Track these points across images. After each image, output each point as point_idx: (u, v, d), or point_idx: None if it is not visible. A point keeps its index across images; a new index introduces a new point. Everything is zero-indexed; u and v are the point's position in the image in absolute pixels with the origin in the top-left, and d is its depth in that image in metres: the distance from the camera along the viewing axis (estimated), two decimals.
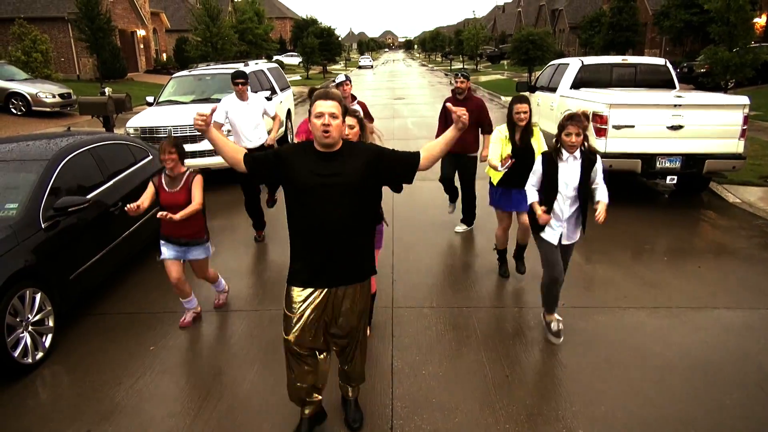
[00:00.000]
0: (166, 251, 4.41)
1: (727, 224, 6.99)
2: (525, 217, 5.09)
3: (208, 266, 4.64)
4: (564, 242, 4.08)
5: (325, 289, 2.92)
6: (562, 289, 4.24)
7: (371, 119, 6.21)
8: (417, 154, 2.92)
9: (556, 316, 4.30)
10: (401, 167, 2.92)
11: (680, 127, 7.05)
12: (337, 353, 3.21)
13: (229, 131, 6.54)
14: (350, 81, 6.06)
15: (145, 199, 4.30)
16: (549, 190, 3.97)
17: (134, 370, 4.04)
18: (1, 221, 4.17)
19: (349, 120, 3.80)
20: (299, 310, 2.92)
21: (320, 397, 3.20)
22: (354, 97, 6.08)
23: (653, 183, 8.76)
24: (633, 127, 7.09)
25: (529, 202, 4.09)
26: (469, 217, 6.70)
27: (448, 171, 6.47)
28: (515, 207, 5.12)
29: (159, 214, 4.09)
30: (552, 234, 4.06)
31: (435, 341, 4.32)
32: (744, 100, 7.09)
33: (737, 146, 7.13)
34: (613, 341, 4.25)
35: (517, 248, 5.45)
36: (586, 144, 3.90)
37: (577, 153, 3.89)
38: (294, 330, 2.94)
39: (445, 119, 6.28)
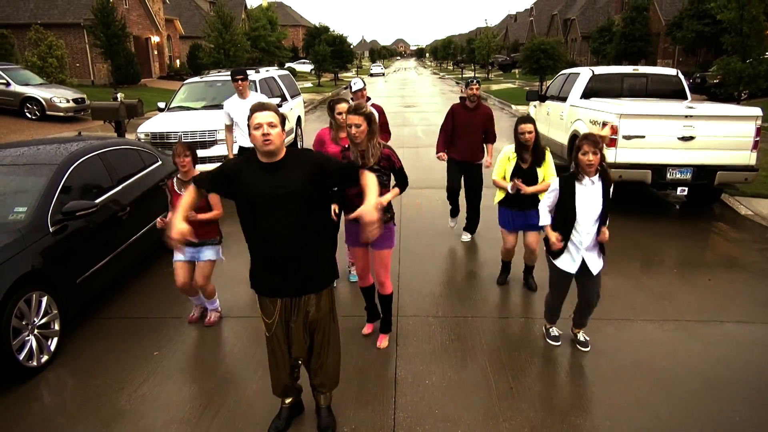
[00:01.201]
0: (178, 253, 4.39)
1: (738, 237, 6.90)
2: (531, 239, 5.06)
3: (211, 272, 4.61)
4: (592, 271, 3.93)
5: (280, 300, 3.05)
6: (568, 299, 4.20)
7: (386, 125, 6.20)
8: (357, 167, 3.04)
9: (556, 327, 4.37)
10: (342, 178, 3.00)
11: (691, 138, 6.99)
12: (304, 362, 3.26)
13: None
14: (365, 87, 6.06)
15: (172, 209, 4.43)
16: (567, 216, 3.83)
17: (138, 374, 4.04)
18: (9, 225, 4.20)
19: (356, 119, 3.79)
20: (272, 317, 3.09)
21: (301, 389, 3.42)
22: (368, 99, 6.08)
23: (664, 194, 8.67)
24: (643, 137, 7.03)
25: (542, 224, 4.00)
26: (472, 225, 6.66)
27: (455, 179, 6.45)
28: (517, 227, 5.07)
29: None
30: (569, 264, 3.94)
31: (439, 351, 4.28)
32: (757, 111, 7.01)
33: (749, 158, 7.04)
34: (620, 354, 4.19)
35: (525, 269, 5.42)
36: (603, 164, 3.76)
37: (596, 177, 3.75)
38: (272, 330, 3.12)
39: (452, 127, 6.23)
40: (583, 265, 3.93)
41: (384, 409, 3.59)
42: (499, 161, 4.92)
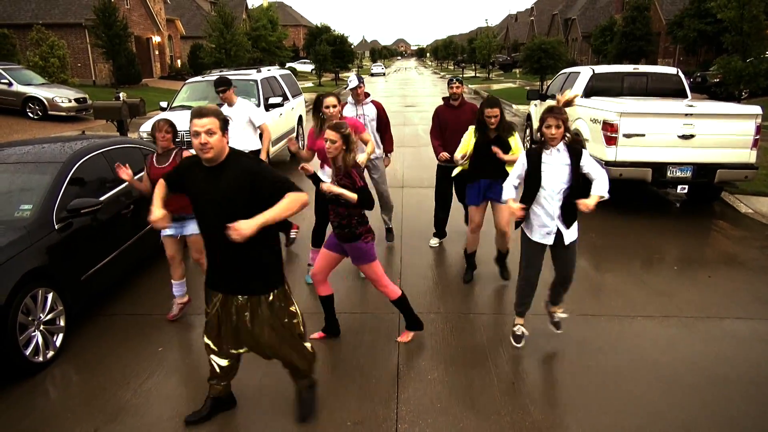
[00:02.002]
0: (166, 230, 4.56)
1: (739, 234, 6.93)
2: (502, 220, 5.15)
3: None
4: (565, 240, 3.95)
5: (221, 295, 3.17)
6: (570, 296, 4.23)
7: (388, 124, 6.19)
8: (291, 186, 2.92)
9: (521, 322, 4.34)
10: (270, 192, 2.90)
11: (692, 136, 7.02)
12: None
13: None
14: (362, 82, 6.01)
15: (146, 187, 4.63)
16: (532, 185, 3.87)
17: (142, 370, 4.08)
18: (15, 222, 4.24)
19: (332, 135, 3.77)
20: (212, 309, 3.23)
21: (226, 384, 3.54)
22: (367, 95, 6.06)
23: (664, 192, 8.71)
24: (644, 135, 7.07)
25: (504, 199, 4.01)
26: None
27: (443, 183, 6.18)
28: (486, 195, 5.17)
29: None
30: (543, 236, 3.96)
31: (441, 347, 4.32)
32: (756, 109, 7.04)
33: (749, 156, 7.08)
34: (620, 350, 4.22)
35: (498, 255, 5.47)
36: (568, 135, 3.78)
37: (561, 146, 3.78)
38: (206, 326, 3.31)
39: (440, 130, 6.00)
40: (558, 236, 3.94)
41: (386, 403, 3.62)
42: (464, 139, 5.11)
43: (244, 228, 2.71)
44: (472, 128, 5.09)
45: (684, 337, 4.42)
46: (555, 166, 3.81)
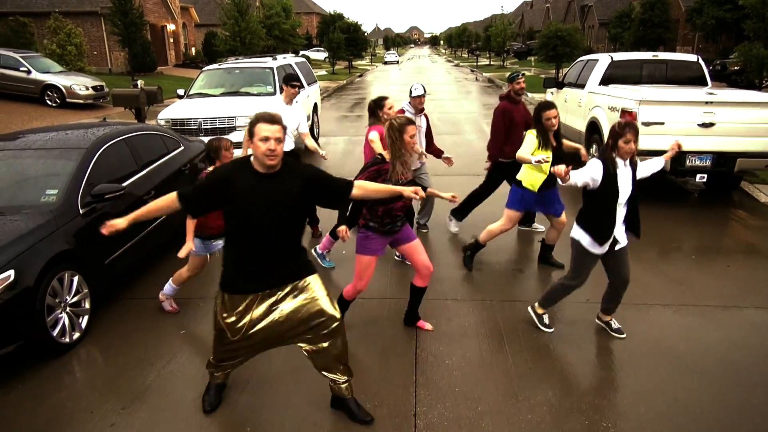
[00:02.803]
0: (204, 248, 4.53)
1: (758, 224, 6.87)
2: (561, 220, 5.21)
3: None
4: (618, 247, 4.00)
5: (258, 295, 3.08)
6: (588, 284, 4.24)
7: (431, 137, 6.15)
8: (350, 184, 3.10)
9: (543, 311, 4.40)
10: (332, 194, 3.09)
11: (711, 124, 6.94)
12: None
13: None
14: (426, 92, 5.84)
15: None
16: (611, 194, 3.82)
17: (165, 352, 4.17)
18: (42, 206, 4.34)
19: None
20: (236, 315, 3.11)
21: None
22: (421, 110, 5.89)
23: (683, 181, 8.64)
24: (663, 124, 7.00)
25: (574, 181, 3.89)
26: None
27: (495, 180, 6.27)
28: (536, 209, 5.21)
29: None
30: (602, 247, 3.97)
31: (458, 332, 4.36)
32: None
33: None
34: (637, 337, 4.24)
35: (545, 248, 5.51)
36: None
37: (627, 161, 3.85)
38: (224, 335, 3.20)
39: (504, 126, 5.93)
40: (612, 242, 3.97)
41: (405, 387, 3.68)
42: (530, 141, 4.90)
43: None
44: (533, 131, 4.92)
45: (701, 326, 4.42)
46: (624, 179, 3.85)
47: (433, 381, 3.74)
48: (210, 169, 4.49)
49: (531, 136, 4.93)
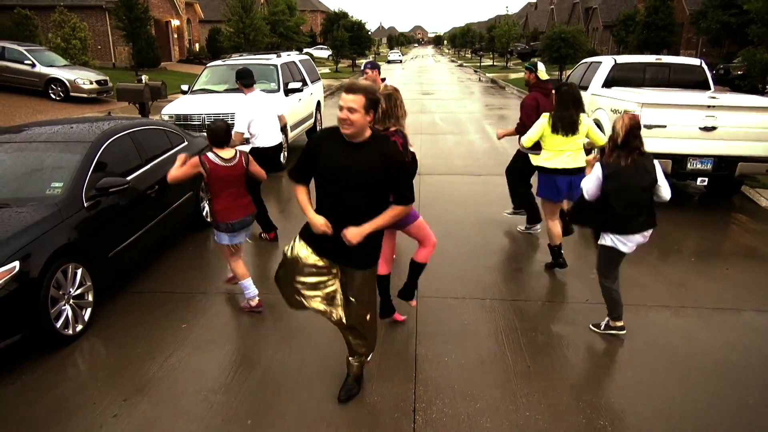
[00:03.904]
0: (227, 239, 4.51)
1: (758, 228, 6.89)
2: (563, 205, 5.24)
3: None
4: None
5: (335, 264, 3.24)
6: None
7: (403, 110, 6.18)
8: (404, 203, 3.15)
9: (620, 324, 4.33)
10: (394, 191, 3.14)
11: (713, 128, 6.97)
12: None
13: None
14: (376, 67, 5.84)
15: (189, 167, 4.36)
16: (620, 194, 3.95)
17: (167, 345, 4.21)
18: (47, 199, 4.38)
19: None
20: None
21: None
22: (383, 79, 6.01)
23: (683, 184, 8.66)
24: (665, 127, 7.03)
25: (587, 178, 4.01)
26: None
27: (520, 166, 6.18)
28: (563, 194, 5.16)
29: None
30: (625, 246, 4.06)
31: (458, 330, 4.39)
32: None
33: None
34: (636, 337, 4.27)
35: (554, 254, 5.41)
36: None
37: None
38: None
39: (537, 116, 5.77)
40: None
41: (405, 384, 3.71)
42: (539, 125, 5.09)
43: (351, 236, 3.01)
44: (547, 115, 5.05)
45: (699, 327, 4.45)
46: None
47: (433, 378, 3.77)
48: (206, 153, 4.43)
49: (543, 119, 5.06)
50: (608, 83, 8.99)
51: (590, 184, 3.97)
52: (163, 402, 3.56)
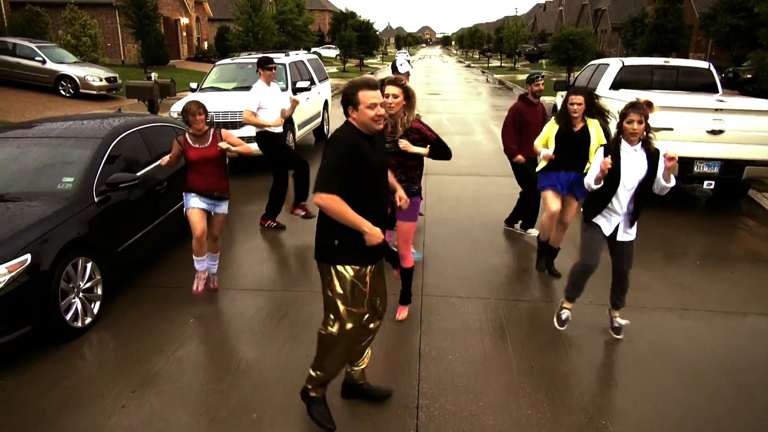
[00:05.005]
0: (198, 202, 4.62)
1: (765, 232, 6.88)
2: (569, 213, 5.17)
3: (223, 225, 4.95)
4: (621, 239, 4.02)
5: (376, 266, 3.13)
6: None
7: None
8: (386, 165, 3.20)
9: (569, 306, 4.39)
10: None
11: (721, 131, 6.96)
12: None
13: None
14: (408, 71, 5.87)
15: (173, 156, 4.68)
16: (610, 182, 3.87)
17: (174, 339, 4.26)
18: (58, 193, 4.44)
19: (393, 89, 3.92)
20: (369, 285, 3.09)
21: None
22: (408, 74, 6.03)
23: (690, 188, 8.65)
24: (672, 129, 7.03)
25: (593, 179, 3.90)
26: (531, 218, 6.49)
27: (531, 181, 5.90)
28: (563, 187, 5.12)
29: (220, 144, 4.59)
30: (606, 224, 4.02)
31: (462, 329, 4.43)
32: None
33: None
34: (640, 339, 4.28)
35: (549, 251, 5.44)
36: (648, 135, 3.79)
37: (638, 145, 3.81)
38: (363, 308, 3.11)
39: (517, 129, 5.97)
40: (616, 231, 4.01)
41: (409, 381, 3.75)
42: (545, 128, 5.11)
43: (376, 237, 2.97)
44: (552, 120, 5.04)
45: (703, 330, 4.46)
46: (632, 164, 3.83)
47: (436, 375, 3.80)
48: (186, 135, 4.67)
49: (549, 123, 5.09)
50: (616, 85, 8.99)
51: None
52: (170, 395, 3.61)
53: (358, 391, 3.50)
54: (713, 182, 7.25)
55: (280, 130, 6.64)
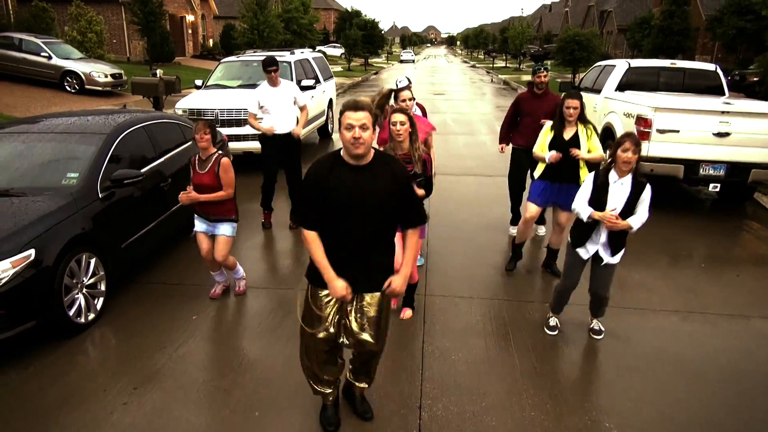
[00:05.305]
0: (198, 224, 4.66)
1: None
2: (563, 218, 5.14)
3: (229, 247, 4.67)
4: (606, 261, 3.99)
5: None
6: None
7: (429, 124, 6.19)
8: (417, 223, 2.99)
9: (557, 317, 4.45)
10: (405, 212, 2.95)
11: (727, 134, 6.93)
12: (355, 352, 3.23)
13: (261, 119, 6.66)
14: (411, 83, 5.97)
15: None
16: (595, 208, 3.85)
17: (177, 336, 4.26)
18: (63, 189, 4.44)
19: (400, 116, 3.94)
20: (327, 310, 3.00)
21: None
22: (413, 98, 6.00)
23: (695, 190, 8.62)
24: (678, 131, 7.00)
25: (586, 216, 3.88)
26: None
27: (521, 168, 6.16)
28: (548, 200, 5.16)
29: (180, 195, 4.47)
30: (583, 251, 4.05)
31: (465, 329, 4.41)
32: None
33: None
34: (643, 342, 4.27)
35: (549, 254, 5.48)
36: (637, 166, 3.77)
37: (627, 178, 3.77)
38: (321, 324, 3.02)
39: (515, 118, 6.16)
40: (596, 254, 4.02)
41: (412, 380, 3.74)
42: (541, 134, 5.06)
43: (400, 288, 2.91)
44: (548, 124, 5.01)
45: (707, 333, 4.44)
46: (617, 195, 3.81)
47: (439, 375, 3.79)
48: (197, 155, 4.61)
49: (544, 128, 5.05)
50: (622, 87, 8.95)
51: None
52: (172, 391, 3.60)
53: (350, 395, 3.46)
54: (719, 185, 7.22)
55: (282, 131, 6.46)
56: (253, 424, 3.32)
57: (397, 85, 5.48)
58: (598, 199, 3.86)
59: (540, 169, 5.10)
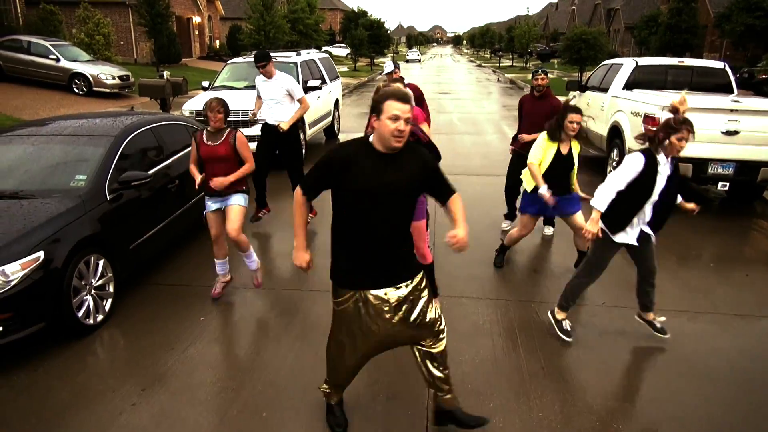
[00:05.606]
0: (210, 204, 4.68)
1: None
2: (578, 222, 5.06)
3: (243, 219, 4.68)
4: (652, 236, 4.00)
5: (365, 292, 2.87)
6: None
7: (426, 109, 6.23)
8: (454, 191, 3.01)
9: (563, 316, 4.33)
10: (440, 192, 2.97)
11: (736, 132, 6.88)
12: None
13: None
14: (398, 67, 6.19)
15: (193, 161, 4.68)
16: (643, 194, 3.78)
17: (185, 337, 4.28)
18: (71, 191, 4.47)
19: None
20: (350, 304, 2.94)
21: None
22: (402, 79, 6.08)
23: (704, 189, 8.56)
24: None
25: (597, 206, 3.82)
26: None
27: (514, 173, 6.17)
28: (547, 212, 5.17)
29: (213, 181, 4.51)
30: (625, 237, 3.95)
31: (472, 330, 4.41)
32: None
33: None
34: (651, 342, 4.24)
35: (580, 255, 5.36)
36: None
37: (669, 159, 3.79)
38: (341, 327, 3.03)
39: (519, 118, 6.36)
40: (640, 234, 3.97)
41: (419, 381, 3.71)
42: (539, 145, 4.94)
43: (465, 240, 2.87)
44: (544, 134, 4.93)
45: (716, 333, 4.41)
46: (663, 174, 3.79)
47: None
48: (203, 131, 4.64)
49: (540, 139, 4.95)
50: (629, 85, 8.91)
51: None
52: (180, 392, 3.62)
53: (448, 416, 3.23)
54: (728, 183, 7.17)
55: (276, 122, 6.56)
56: (260, 425, 3.33)
57: (385, 70, 5.72)
58: (648, 182, 3.74)
59: (532, 184, 5.03)
